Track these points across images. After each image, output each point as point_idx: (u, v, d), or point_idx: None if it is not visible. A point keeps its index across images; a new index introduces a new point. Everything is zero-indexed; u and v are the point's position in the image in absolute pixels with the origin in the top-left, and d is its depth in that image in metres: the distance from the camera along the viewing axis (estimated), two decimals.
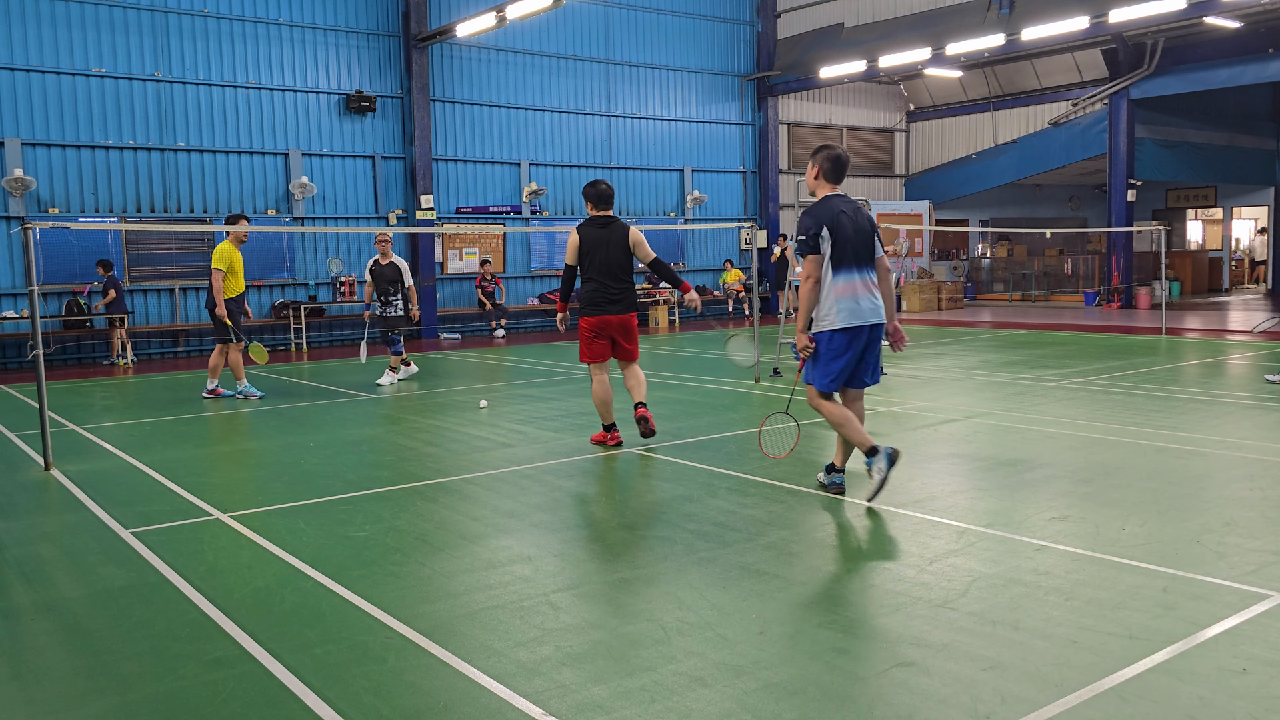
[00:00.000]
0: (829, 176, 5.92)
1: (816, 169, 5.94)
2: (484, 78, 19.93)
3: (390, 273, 11.71)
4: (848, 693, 3.29)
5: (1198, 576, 4.32)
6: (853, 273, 5.75)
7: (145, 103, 16.41)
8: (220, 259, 10.51)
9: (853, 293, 5.73)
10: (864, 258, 5.81)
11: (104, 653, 3.84)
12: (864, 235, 5.82)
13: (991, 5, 19.41)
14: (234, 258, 10.62)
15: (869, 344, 5.78)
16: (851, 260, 5.76)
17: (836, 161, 5.90)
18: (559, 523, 5.60)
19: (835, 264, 5.73)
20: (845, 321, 5.69)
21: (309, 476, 7.02)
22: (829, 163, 5.89)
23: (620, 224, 7.61)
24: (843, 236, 5.74)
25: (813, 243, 5.73)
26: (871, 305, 5.77)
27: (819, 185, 5.97)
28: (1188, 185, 27.21)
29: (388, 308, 11.79)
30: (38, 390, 7.44)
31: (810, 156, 6.00)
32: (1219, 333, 16.27)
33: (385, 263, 11.70)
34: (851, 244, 5.76)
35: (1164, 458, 6.76)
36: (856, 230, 5.79)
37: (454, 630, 3.93)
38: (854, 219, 5.81)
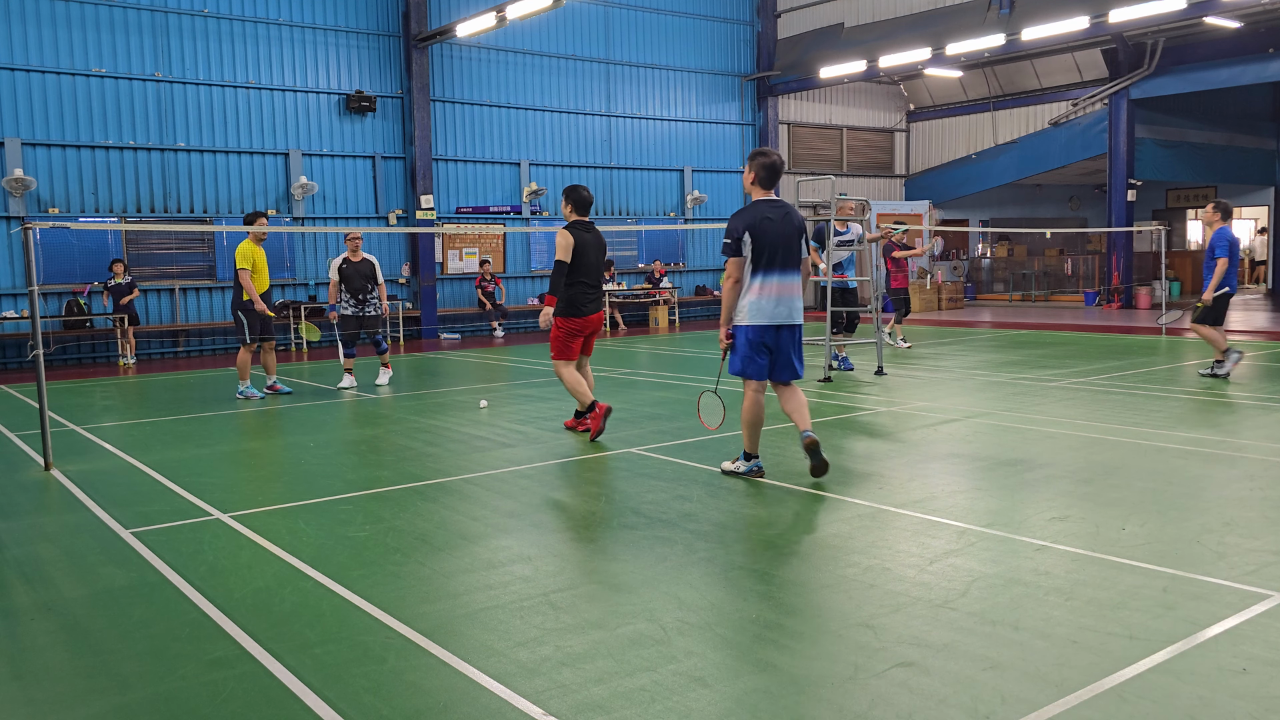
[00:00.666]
0: (763, 182, 6.32)
1: (752, 175, 6.34)
2: (484, 78, 19.93)
3: (366, 270, 11.37)
4: (848, 693, 3.29)
5: (1198, 576, 4.32)
6: (772, 275, 6.17)
7: (145, 103, 16.41)
8: (243, 258, 10.60)
9: (771, 294, 6.16)
10: (786, 261, 6.20)
11: (104, 653, 3.84)
12: (789, 240, 6.20)
13: (991, 5, 19.40)
14: (256, 255, 10.70)
15: (786, 342, 6.24)
16: (770, 263, 6.17)
17: (770, 168, 6.29)
18: (559, 523, 5.60)
19: (755, 266, 6.16)
20: (761, 320, 6.16)
21: (309, 476, 7.03)
22: (763, 170, 6.28)
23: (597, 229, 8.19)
24: (764, 241, 6.14)
25: (735, 246, 6.16)
26: (790, 307, 6.21)
27: (753, 190, 6.38)
28: (1188, 185, 27.21)
29: (365, 306, 11.45)
30: (38, 390, 7.44)
31: (748, 161, 6.39)
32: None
33: (357, 260, 11.34)
34: (771, 248, 6.16)
35: (1164, 458, 6.76)
36: (780, 235, 6.17)
37: (454, 630, 3.93)
38: (779, 224, 6.18)
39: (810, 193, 24.47)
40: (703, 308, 23.42)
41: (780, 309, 6.18)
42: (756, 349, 6.20)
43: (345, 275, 11.37)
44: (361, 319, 11.50)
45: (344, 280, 11.38)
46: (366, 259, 11.46)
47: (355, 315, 11.48)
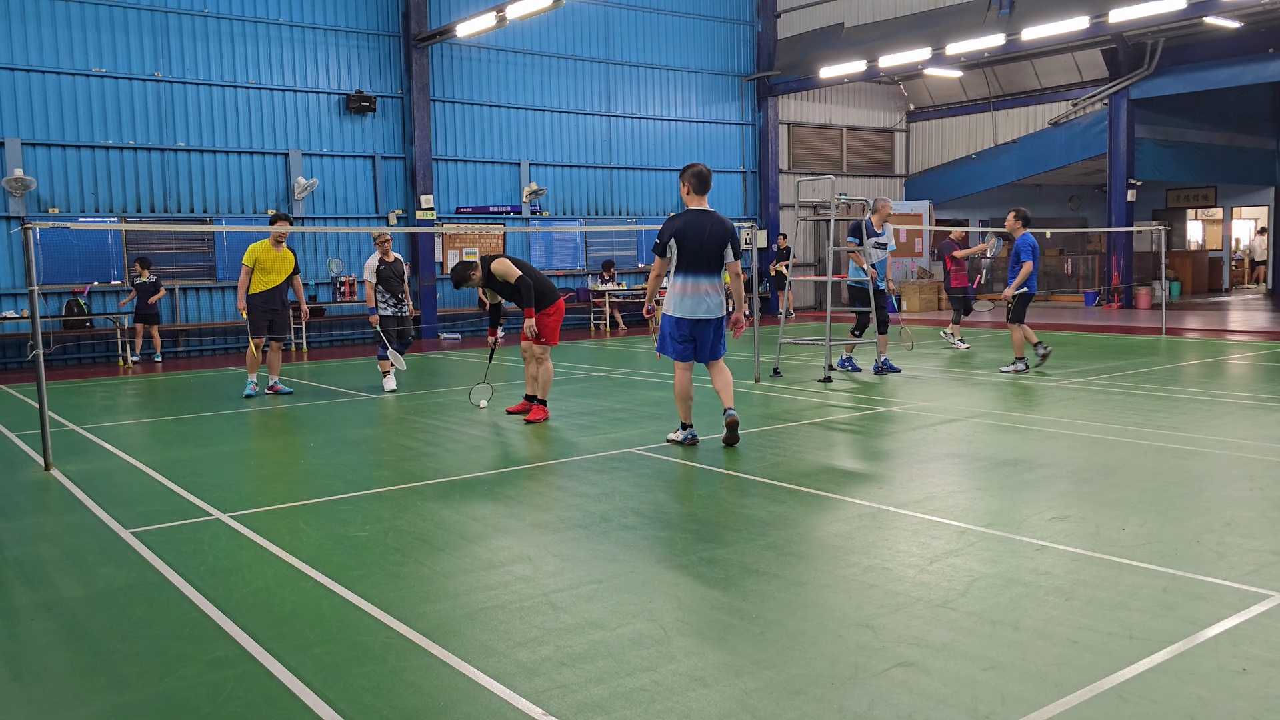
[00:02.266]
0: (695, 190, 7.27)
1: (686, 186, 7.29)
2: (484, 78, 19.92)
3: (399, 270, 11.27)
4: (848, 693, 3.29)
5: (1198, 576, 4.32)
6: (693, 276, 7.19)
7: (145, 103, 16.41)
8: (248, 255, 10.83)
9: (692, 291, 7.20)
10: (708, 264, 7.18)
11: (104, 653, 3.84)
12: (711, 245, 7.13)
13: (991, 5, 19.40)
14: (262, 255, 10.82)
15: (704, 333, 7.33)
16: (693, 265, 7.16)
17: (699, 177, 7.23)
18: (559, 523, 5.60)
19: (679, 266, 7.17)
20: (682, 313, 7.26)
21: (309, 476, 7.03)
22: (694, 179, 7.24)
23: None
24: (688, 245, 7.12)
25: (661, 248, 7.24)
26: (707, 304, 7.23)
27: (688, 199, 7.31)
28: (1188, 185, 27.21)
29: (402, 307, 11.34)
30: (38, 390, 7.44)
31: (680, 174, 7.34)
32: (1219, 333, 16.27)
33: (390, 260, 11.19)
34: (694, 251, 7.13)
35: (1164, 458, 6.76)
36: (704, 241, 7.12)
37: (454, 630, 3.93)
38: (703, 231, 7.13)
39: (810, 193, 24.46)
40: None
41: (699, 305, 7.23)
42: (678, 336, 7.31)
43: (383, 277, 11.17)
44: (401, 319, 11.37)
45: (381, 282, 11.17)
46: (398, 258, 11.35)
47: (395, 315, 11.33)
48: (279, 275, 10.96)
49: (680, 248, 7.14)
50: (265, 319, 10.95)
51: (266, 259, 10.86)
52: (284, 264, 10.99)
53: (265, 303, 10.94)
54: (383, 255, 11.18)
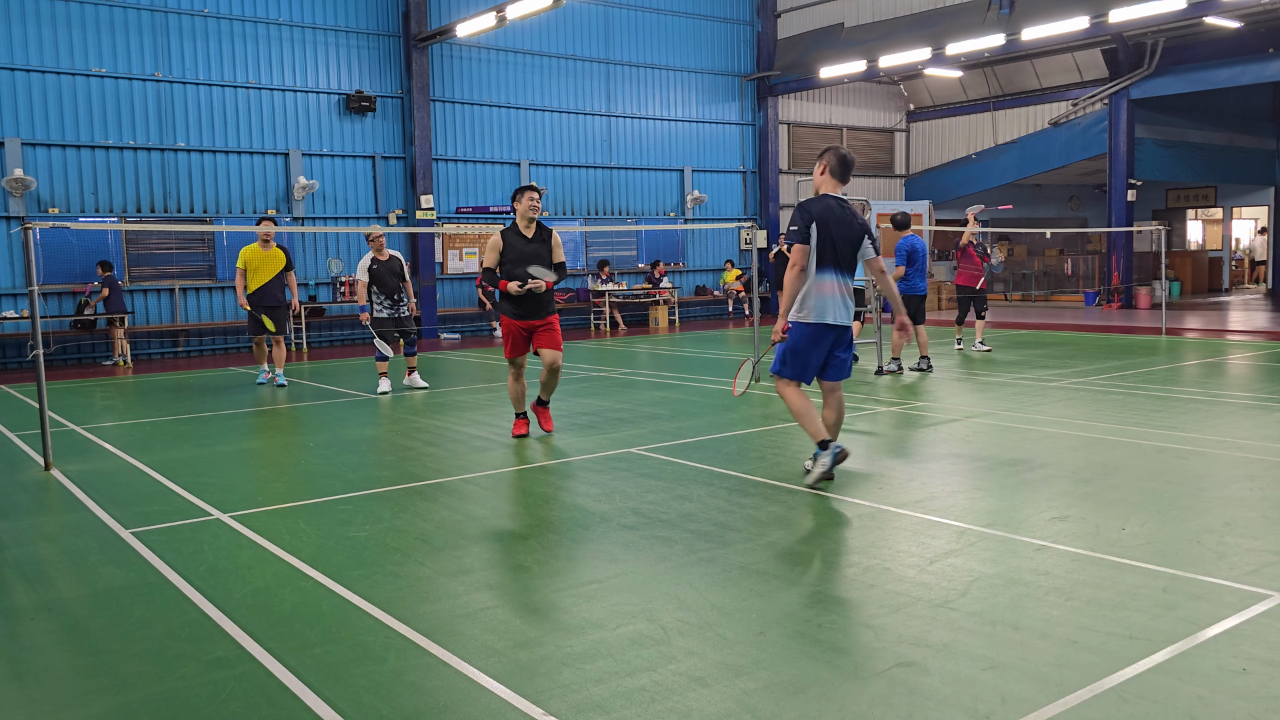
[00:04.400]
0: (835, 175, 6.12)
1: (824, 167, 6.13)
2: (484, 78, 19.93)
3: (396, 267, 11.03)
4: (848, 693, 3.29)
5: (1198, 576, 4.32)
6: (831, 273, 5.98)
7: (145, 103, 16.41)
8: (239, 259, 11.67)
9: (831, 291, 5.97)
10: (846, 261, 6.02)
11: (104, 653, 3.84)
12: (851, 239, 6.01)
13: (991, 5, 19.40)
14: (250, 256, 11.58)
15: (836, 343, 6.07)
16: (832, 261, 5.97)
17: (843, 161, 6.09)
18: (559, 522, 5.60)
19: (820, 261, 5.96)
20: (817, 318, 5.97)
21: (309, 476, 7.03)
22: (836, 160, 6.09)
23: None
24: (828, 234, 5.94)
25: (803, 233, 5.94)
26: (844, 309, 6.02)
27: (824, 183, 6.14)
28: (1188, 185, 27.20)
29: (399, 306, 11.10)
30: (38, 390, 7.44)
31: (819, 155, 6.17)
32: (1219, 333, 16.27)
33: (384, 259, 10.97)
34: (834, 244, 5.96)
35: (1164, 458, 6.76)
36: (843, 232, 5.98)
37: (454, 630, 3.93)
38: (844, 221, 5.99)
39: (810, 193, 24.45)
40: (703, 308, 23.42)
41: (837, 309, 5.99)
42: (808, 348, 6.02)
43: (376, 275, 10.93)
44: (398, 319, 11.13)
45: (375, 280, 10.94)
46: (394, 256, 11.08)
47: (391, 316, 11.08)
48: (268, 273, 11.64)
49: (819, 238, 5.95)
50: (259, 314, 11.68)
51: (254, 260, 11.61)
52: (273, 262, 11.67)
53: (258, 300, 11.64)
54: (375, 253, 10.96)
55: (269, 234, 11.54)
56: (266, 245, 11.60)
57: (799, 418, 6.08)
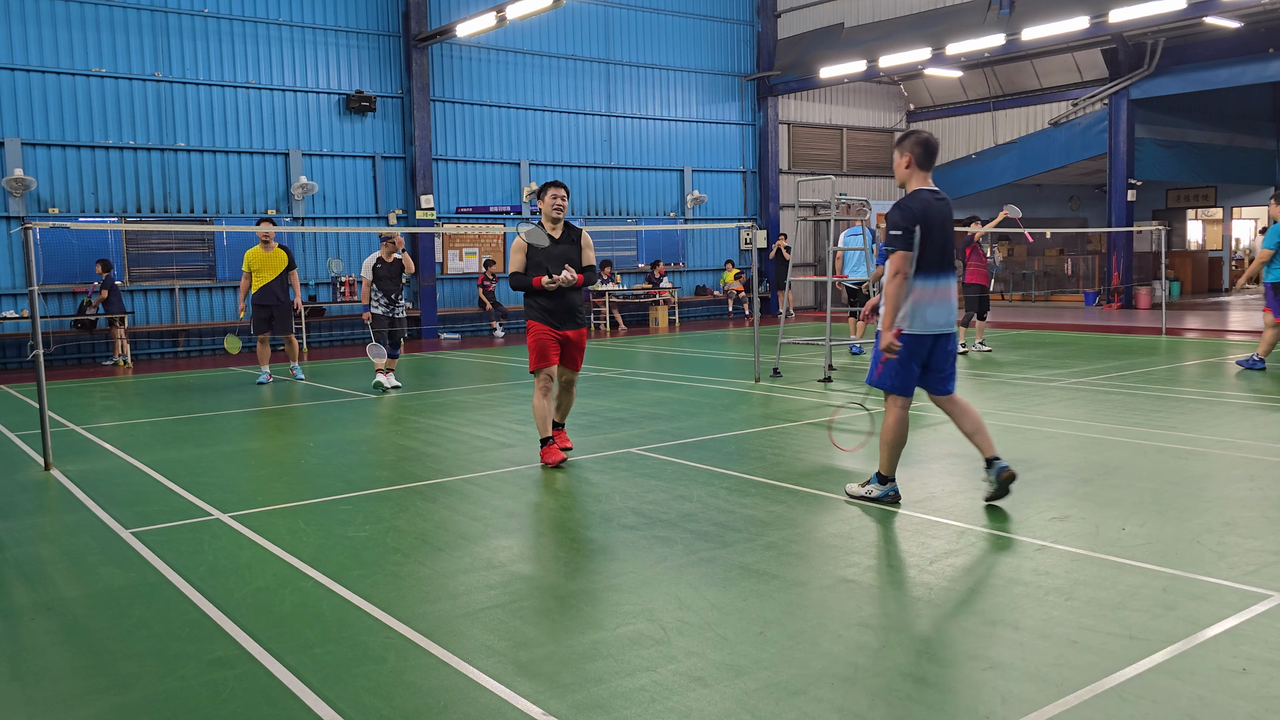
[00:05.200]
0: (921, 164, 5.45)
1: (908, 159, 5.45)
2: (484, 78, 19.92)
3: (397, 270, 11.29)
4: (848, 693, 3.29)
5: (1198, 576, 4.32)
6: (936, 278, 5.37)
7: (145, 103, 16.41)
8: (244, 262, 12.00)
9: (935, 299, 5.36)
10: (949, 261, 5.43)
11: (104, 653, 3.84)
12: (950, 238, 5.44)
13: (991, 5, 19.40)
14: (253, 258, 11.89)
15: (943, 353, 5.48)
16: (938, 263, 5.37)
17: (927, 146, 5.43)
18: (559, 523, 5.60)
19: (921, 266, 5.33)
20: (924, 328, 5.36)
21: (309, 476, 7.03)
22: (920, 148, 5.42)
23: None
24: (933, 236, 5.32)
25: (907, 238, 5.27)
26: (948, 313, 5.43)
27: (910, 175, 5.47)
28: (1188, 185, 27.20)
29: (396, 307, 11.34)
30: (38, 390, 7.44)
31: (896, 145, 5.55)
32: (1219, 333, 16.27)
33: (391, 260, 11.24)
34: (940, 246, 5.37)
35: (1164, 458, 6.76)
36: (946, 230, 5.40)
37: (454, 630, 3.93)
38: (945, 217, 5.42)
39: (810, 193, 24.46)
40: (703, 308, 23.42)
41: (946, 317, 5.42)
42: (912, 360, 5.42)
43: (379, 275, 11.25)
44: (392, 319, 11.38)
45: (377, 280, 11.26)
46: (399, 259, 11.35)
47: (386, 315, 11.35)
48: (270, 273, 11.93)
49: (925, 240, 5.31)
50: (263, 315, 11.98)
51: (257, 261, 11.91)
52: (275, 263, 11.96)
53: (260, 300, 11.95)
54: (384, 255, 11.23)
55: (269, 235, 11.81)
56: (267, 246, 11.92)
57: (885, 444, 5.60)
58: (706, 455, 7.20)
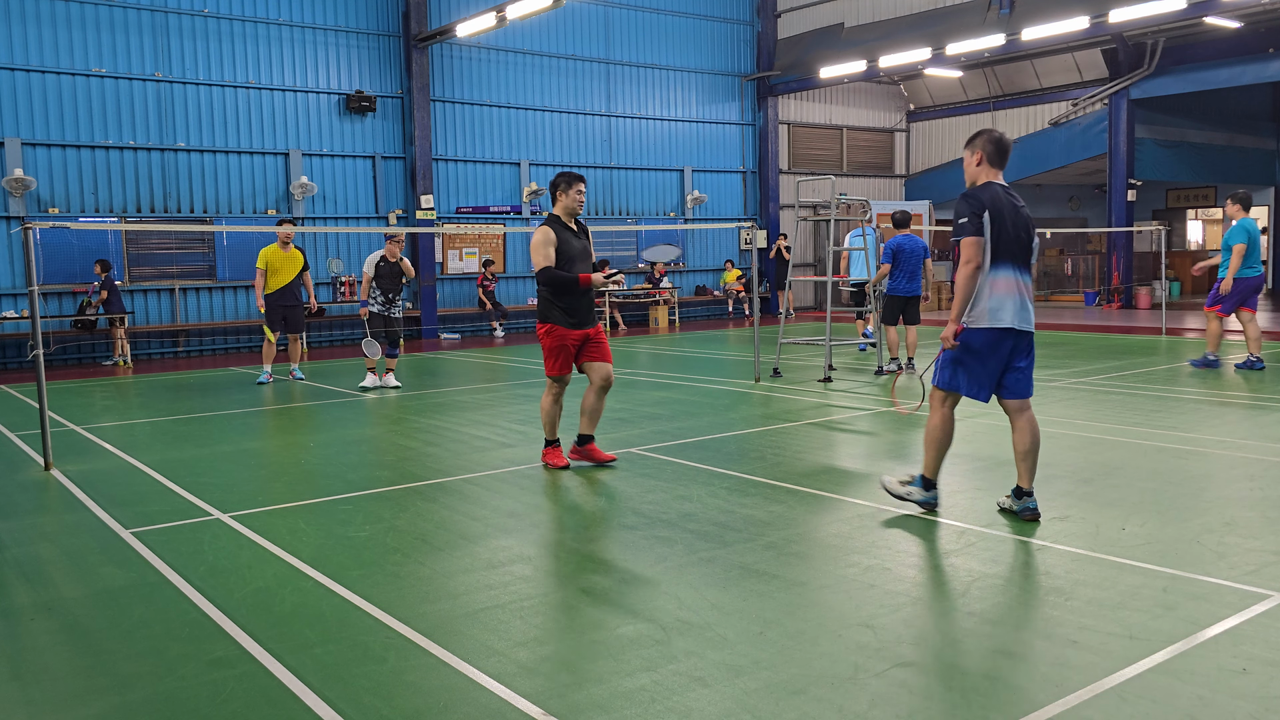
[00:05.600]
0: (993, 161, 5.35)
1: (979, 155, 5.37)
2: (484, 78, 19.92)
3: (398, 271, 11.33)
4: (848, 693, 3.29)
5: (1198, 576, 4.32)
6: (1010, 270, 5.20)
7: (145, 103, 16.41)
8: (259, 259, 12.08)
9: (1010, 291, 5.20)
10: (1023, 255, 5.28)
11: (104, 653, 3.84)
12: (1026, 230, 5.29)
13: (991, 5, 19.40)
14: (271, 257, 12.03)
15: (1015, 352, 5.27)
16: (1009, 255, 5.21)
17: (999, 144, 5.35)
18: (559, 523, 5.60)
19: (996, 255, 5.19)
20: (998, 322, 5.16)
21: (309, 476, 7.03)
22: (991, 145, 5.33)
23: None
24: (1004, 227, 5.19)
25: (975, 224, 5.14)
26: (1024, 311, 5.24)
27: (981, 172, 5.38)
28: (1188, 185, 27.19)
29: (392, 307, 11.38)
30: (38, 390, 7.44)
31: (966, 144, 5.44)
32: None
33: (393, 261, 11.28)
34: (1010, 236, 5.21)
35: (1164, 458, 6.76)
36: (1018, 223, 5.26)
37: (454, 630, 3.93)
38: (1017, 210, 5.28)
39: (810, 193, 24.46)
40: (703, 308, 23.42)
41: (1024, 311, 5.22)
42: (984, 358, 5.22)
43: (381, 274, 11.30)
44: (388, 318, 11.43)
45: (378, 278, 11.32)
46: (401, 260, 11.38)
47: (382, 314, 11.40)
48: (288, 274, 12.10)
49: (997, 230, 5.17)
50: (279, 314, 12.19)
51: (275, 260, 12.04)
52: (292, 264, 12.13)
53: (278, 300, 12.12)
54: (387, 254, 11.29)
55: (289, 235, 11.97)
56: (286, 247, 12.09)
57: (929, 444, 5.40)
58: (706, 455, 7.20)
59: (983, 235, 5.15)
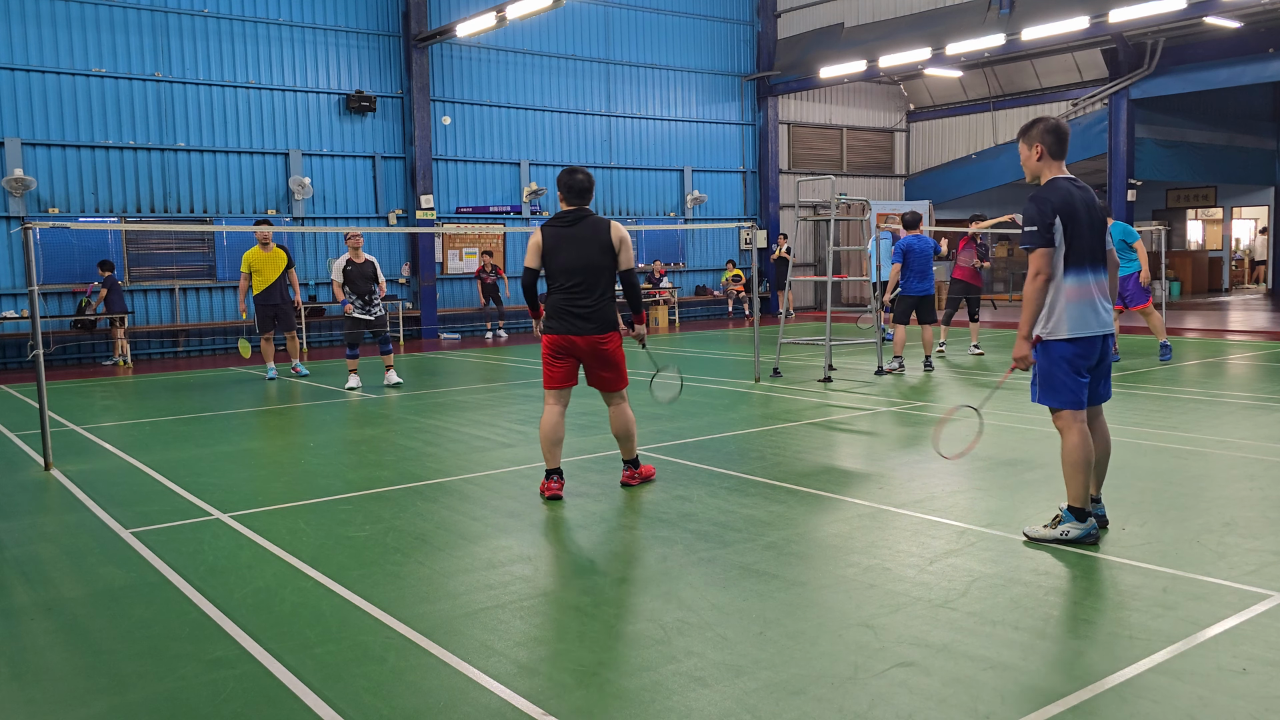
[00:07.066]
0: (1054, 153, 4.91)
1: (1039, 150, 4.92)
2: (484, 78, 19.92)
3: (369, 271, 11.30)
4: (848, 693, 3.29)
5: (1198, 576, 4.32)
6: (1088, 273, 4.82)
7: (145, 103, 16.41)
8: (243, 263, 12.23)
9: (1089, 296, 4.82)
10: (1099, 255, 4.91)
11: (104, 653, 3.84)
12: (1099, 228, 4.92)
13: (991, 5, 19.39)
14: (253, 259, 12.12)
15: (1102, 355, 4.94)
16: (1088, 258, 4.83)
17: (1058, 133, 4.90)
18: (559, 522, 5.60)
19: (1070, 261, 4.78)
20: (1085, 330, 4.79)
21: (309, 476, 7.03)
22: (1050, 135, 4.89)
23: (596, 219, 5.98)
24: (1079, 228, 4.78)
25: (1046, 234, 4.73)
26: (1104, 313, 4.89)
27: (1044, 167, 4.94)
28: (1188, 185, 27.20)
29: (370, 308, 11.35)
30: (38, 390, 7.44)
31: (1021, 136, 5.00)
32: (1219, 333, 16.27)
33: (360, 261, 11.26)
34: (1087, 238, 4.82)
35: (1164, 458, 6.76)
36: (1092, 221, 4.86)
37: (454, 630, 3.93)
38: (1089, 205, 4.87)
39: (810, 193, 24.46)
40: (703, 308, 23.42)
41: (1105, 315, 4.86)
42: (1079, 368, 4.81)
43: (349, 277, 11.30)
44: (366, 320, 11.43)
45: (348, 281, 11.31)
46: (369, 260, 11.39)
47: (363, 317, 11.41)
48: (272, 274, 12.20)
49: (1071, 232, 4.76)
50: (268, 314, 12.28)
51: (257, 262, 12.15)
52: (275, 263, 12.22)
53: (264, 300, 12.24)
54: (351, 255, 11.26)
55: (267, 235, 12.13)
56: (266, 247, 12.17)
57: (1072, 468, 4.83)
58: (706, 455, 7.20)
59: (1054, 245, 4.76)
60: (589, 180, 5.96)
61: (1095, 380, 4.95)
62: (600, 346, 5.98)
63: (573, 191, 5.95)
